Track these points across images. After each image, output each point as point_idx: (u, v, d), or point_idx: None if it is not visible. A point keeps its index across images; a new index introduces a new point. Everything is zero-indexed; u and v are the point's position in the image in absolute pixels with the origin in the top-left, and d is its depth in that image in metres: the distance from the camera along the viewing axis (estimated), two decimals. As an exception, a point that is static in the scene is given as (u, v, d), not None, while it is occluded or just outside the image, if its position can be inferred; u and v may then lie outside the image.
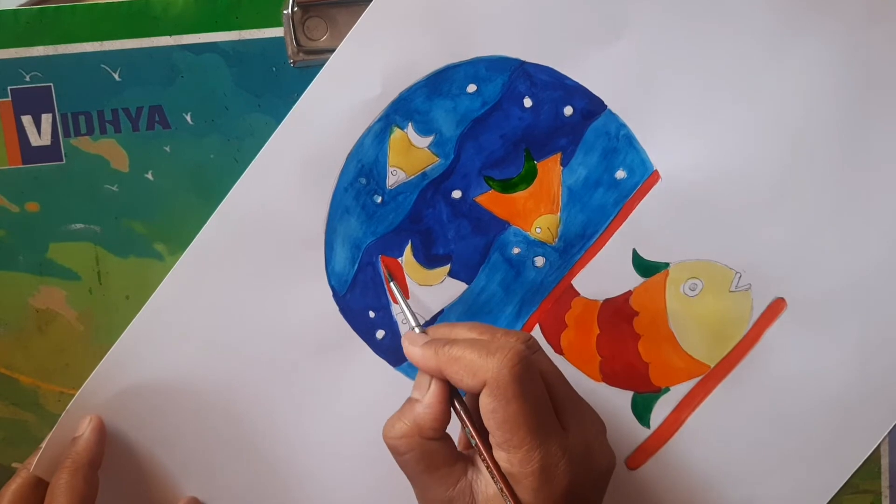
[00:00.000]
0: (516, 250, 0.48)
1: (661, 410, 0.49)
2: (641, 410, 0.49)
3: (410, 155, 0.48)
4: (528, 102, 0.47)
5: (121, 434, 0.48)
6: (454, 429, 0.42)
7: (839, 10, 0.47)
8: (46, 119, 0.48)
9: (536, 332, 0.49)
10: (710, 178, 0.48)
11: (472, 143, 0.48)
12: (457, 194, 0.48)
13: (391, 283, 0.48)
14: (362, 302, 0.48)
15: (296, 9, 0.47)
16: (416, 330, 0.44)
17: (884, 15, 0.47)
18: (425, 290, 0.48)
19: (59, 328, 0.49)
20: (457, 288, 0.49)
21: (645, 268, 0.49)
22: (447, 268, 0.49)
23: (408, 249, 0.48)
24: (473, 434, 0.40)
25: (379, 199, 0.48)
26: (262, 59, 0.48)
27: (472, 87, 0.47)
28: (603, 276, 0.49)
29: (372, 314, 0.48)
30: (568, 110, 0.48)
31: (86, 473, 0.44)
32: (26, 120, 0.48)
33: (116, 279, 0.49)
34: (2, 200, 0.48)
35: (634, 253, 0.48)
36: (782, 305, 0.49)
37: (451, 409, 0.41)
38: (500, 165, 0.48)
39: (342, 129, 0.47)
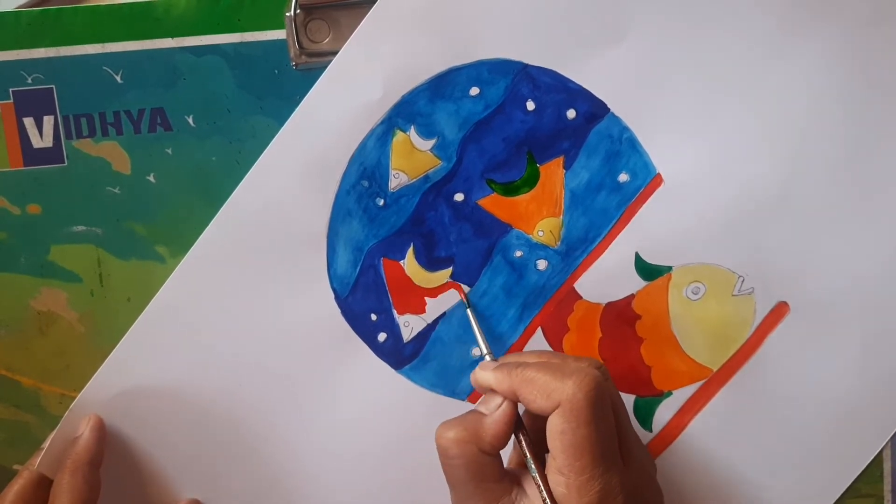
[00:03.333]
0: (518, 253, 0.48)
1: (664, 414, 0.49)
2: (644, 414, 0.49)
3: (413, 158, 0.47)
4: (530, 105, 0.47)
5: (122, 436, 0.48)
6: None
7: (841, 11, 0.47)
8: (48, 121, 0.48)
9: (538, 336, 0.49)
10: (713, 181, 0.48)
11: (475, 146, 0.48)
12: (459, 197, 0.48)
13: (469, 310, 0.48)
14: (364, 305, 0.48)
15: (298, 11, 0.47)
16: (488, 358, 0.45)
17: (885, 16, 0.47)
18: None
19: (61, 330, 0.49)
20: (459, 291, 0.49)
21: (647, 271, 0.48)
22: (449, 270, 0.48)
23: (410, 252, 0.48)
24: (532, 459, 0.40)
25: (381, 202, 0.48)
26: (264, 62, 0.48)
27: (474, 90, 0.47)
28: (605, 279, 0.48)
29: (374, 317, 0.48)
30: (571, 113, 0.47)
31: (86, 473, 0.45)
32: (28, 122, 0.48)
33: (118, 281, 0.49)
34: (3, 202, 0.48)
35: (637, 256, 0.48)
36: (785, 309, 0.48)
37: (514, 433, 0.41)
38: (503, 168, 0.48)
39: (344, 132, 0.47)
